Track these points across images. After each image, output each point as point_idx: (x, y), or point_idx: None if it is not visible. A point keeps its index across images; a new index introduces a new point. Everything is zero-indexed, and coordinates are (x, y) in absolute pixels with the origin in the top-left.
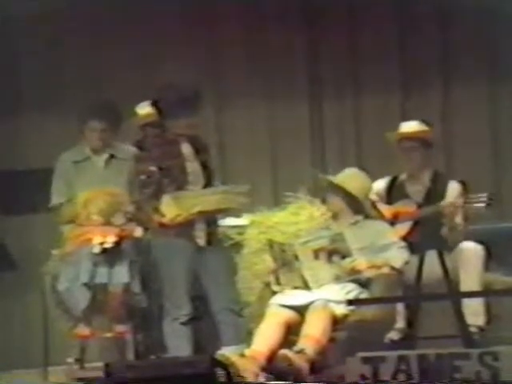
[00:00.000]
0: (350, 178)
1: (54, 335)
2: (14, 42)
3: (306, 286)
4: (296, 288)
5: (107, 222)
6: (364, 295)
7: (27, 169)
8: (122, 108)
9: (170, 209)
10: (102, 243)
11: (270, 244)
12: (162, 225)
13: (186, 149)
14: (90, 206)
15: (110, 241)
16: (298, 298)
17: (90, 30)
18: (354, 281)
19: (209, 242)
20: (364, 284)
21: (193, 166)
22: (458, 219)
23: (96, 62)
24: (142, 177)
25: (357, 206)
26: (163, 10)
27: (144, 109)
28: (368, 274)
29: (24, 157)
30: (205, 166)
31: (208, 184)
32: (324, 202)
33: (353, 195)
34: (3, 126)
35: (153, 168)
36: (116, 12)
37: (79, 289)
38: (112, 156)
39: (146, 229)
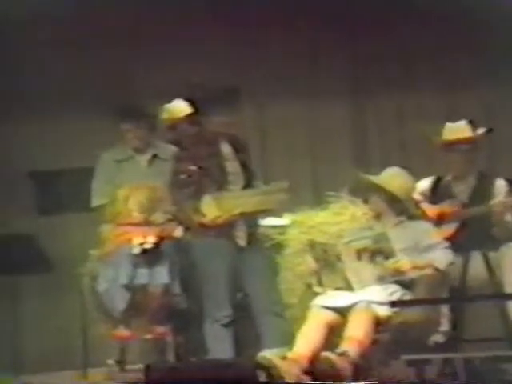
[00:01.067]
0: (392, 177)
1: (93, 337)
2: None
3: (348, 287)
4: (338, 289)
5: (147, 221)
6: (407, 297)
7: (62, 168)
8: (154, 107)
9: (211, 209)
10: (141, 243)
11: (312, 244)
12: (202, 225)
13: (226, 148)
14: (130, 201)
15: (150, 241)
16: (341, 299)
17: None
18: (397, 282)
19: (249, 243)
20: (407, 285)
21: (232, 166)
22: (509, 217)
23: (124, 61)
24: (182, 176)
25: (399, 206)
26: (199, 9)
27: (178, 107)
28: (411, 274)
29: (57, 156)
30: (244, 166)
31: (248, 184)
32: (366, 202)
33: (395, 195)
34: (30, 125)
35: (193, 167)
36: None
37: (119, 290)
38: (155, 156)
39: (186, 229)
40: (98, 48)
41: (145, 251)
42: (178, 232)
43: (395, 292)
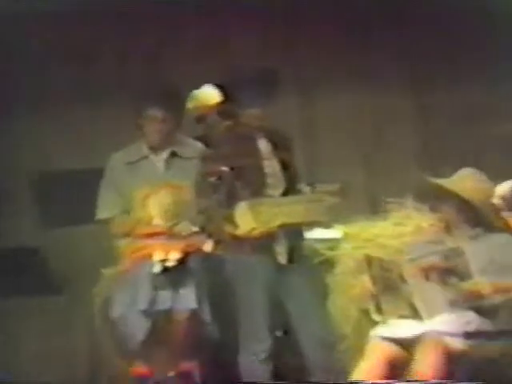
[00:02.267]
0: (466, 180)
1: (105, 372)
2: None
3: (414, 315)
4: (402, 317)
5: (171, 232)
6: (487, 326)
7: (69, 169)
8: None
9: (246, 220)
10: (163, 260)
11: (369, 261)
12: (235, 237)
13: (263, 145)
14: (151, 205)
15: (173, 258)
16: (405, 329)
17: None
18: (474, 308)
19: (291, 260)
20: (487, 312)
21: (271, 166)
22: None
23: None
24: (211, 179)
25: (475, 214)
26: None
27: (208, 93)
28: (493, 299)
29: (63, 156)
30: (286, 166)
31: (291, 188)
32: (434, 210)
33: (470, 201)
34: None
35: (224, 168)
36: None
37: (137, 316)
38: (174, 154)
39: (216, 242)
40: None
41: (167, 269)
42: (208, 246)
43: (472, 321)
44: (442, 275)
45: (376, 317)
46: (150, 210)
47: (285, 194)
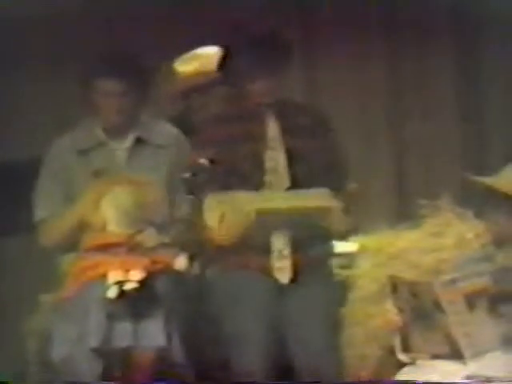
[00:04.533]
0: None
1: None
2: None
3: (454, 354)
4: (437, 357)
5: (132, 244)
6: None
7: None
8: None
9: (213, 213)
10: (121, 282)
11: (394, 284)
12: (217, 249)
13: (273, 128)
14: (105, 206)
15: (134, 278)
16: (443, 373)
17: None
18: None
19: (294, 279)
20: None
21: (275, 158)
22: None
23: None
24: (185, 174)
25: None
26: None
27: (195, 61)
28: None
29: None
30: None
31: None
32: (481, 216)
33: None
34: None
35: (202, 160)
36: None
37: (86, 357)
38: (140, 140)
39: (192, 257)
40: None
41: (126, 294)
42: (181, 262)
43: None
44: (491, 302)
45: (403, 356)
46: (104, 214)
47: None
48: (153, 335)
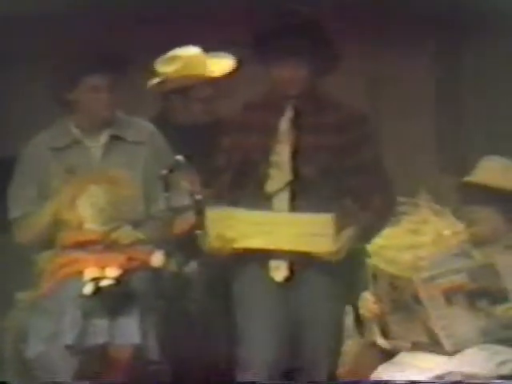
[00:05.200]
0: (500, 171)
1: None
2: None
3: (432, 344)
4: (417, 346)
5: (108, 241)
6: None
7: None
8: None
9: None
10: (96, 279)
11: (374, 276)
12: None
13: (286, 121)
14: (81, 203)
15: (110, 275)
16: (420, 370)
17: None
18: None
19: (290, 277)
20: None
21: (281, 151)
22: None
23: None
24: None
25: None
26: None
27: (175, 62)
28: None
29: None
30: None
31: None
32: (458, 213)
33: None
34: None
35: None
36: None
37: (60, 354)
38: (116, 137)
39: (168, 253)
40: None
41: (101, 291)
42: (158, 258)
43: (509, 360)
44: (469, 298)
45: (382, 341)
46: (79, 211)
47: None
48: (128, 332)
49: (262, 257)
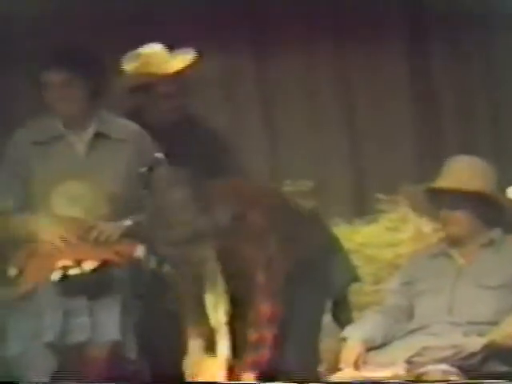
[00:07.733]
0: (467, 172)
1: None
2: None
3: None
4: None
5: (89, 235)
6: None
7: None
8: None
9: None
10: (65, 267)
11: None
12: None
13: None
14: (62, 199)
15: (86, 268)
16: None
17: None
18: None
19: None
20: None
21: None
22: None
23: None
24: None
25: (489, 214)
26: None
27: (138, 59)
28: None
29: None
30: None
31: None
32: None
33: (486, 196)
34: None
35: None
36: None
37: (40, 352)
38: (100, 134)
39: (148, 249)
40: None
41: (66, 277)
42: (140, 251)
43: None
44: None
45: None
46: (60, 207)
47: None
48: (107, 328)
49: None
